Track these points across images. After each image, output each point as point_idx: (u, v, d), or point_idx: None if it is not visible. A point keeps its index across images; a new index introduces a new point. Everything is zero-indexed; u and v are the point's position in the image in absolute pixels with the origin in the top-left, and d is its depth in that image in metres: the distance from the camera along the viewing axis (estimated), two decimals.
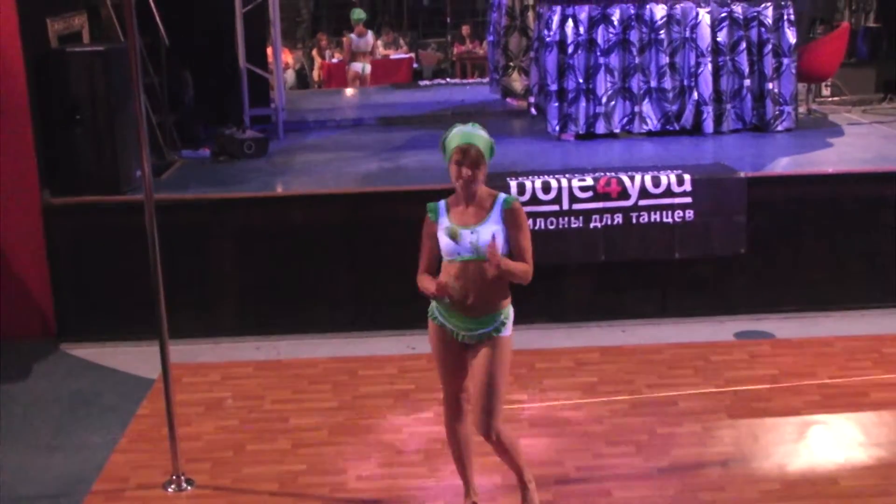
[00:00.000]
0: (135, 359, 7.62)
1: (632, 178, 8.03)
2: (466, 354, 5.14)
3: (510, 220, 4.97)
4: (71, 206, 8.00)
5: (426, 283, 5.01)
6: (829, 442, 6.26)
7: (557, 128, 9.92)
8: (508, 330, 5.10)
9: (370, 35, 18.15)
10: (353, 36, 17.88)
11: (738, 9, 9.92)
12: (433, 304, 5.14)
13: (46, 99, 7.97)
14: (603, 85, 9.77)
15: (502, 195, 5.04)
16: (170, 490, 5.82)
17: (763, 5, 9.91)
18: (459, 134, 4.95)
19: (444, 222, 5.00)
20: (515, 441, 5.30)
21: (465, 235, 4.93)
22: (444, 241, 4.99)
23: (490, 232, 4.90)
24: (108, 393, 7.23)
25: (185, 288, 7.74)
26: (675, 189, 8.02)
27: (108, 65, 8.00)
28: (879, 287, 8.36)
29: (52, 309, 8.05)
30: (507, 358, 5.11)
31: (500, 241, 4.92)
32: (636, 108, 9.94)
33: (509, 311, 5.10)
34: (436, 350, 5.21)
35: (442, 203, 5.08)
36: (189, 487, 5.85)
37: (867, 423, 6.44)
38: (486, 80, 13.99)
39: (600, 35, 9.71)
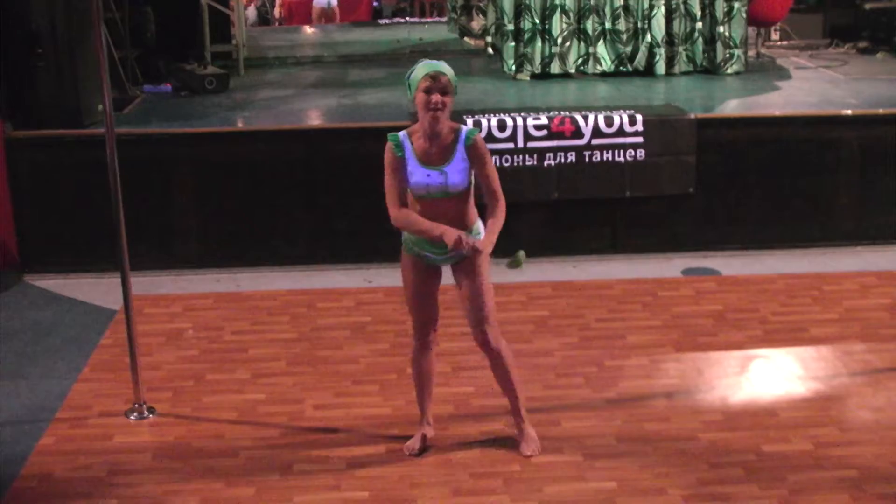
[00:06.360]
0: (97, 290, 7.67)
1: (585, 118, 8.12)
2: (437, 283, 5.24)
3: (474, 155, 4.98)
4: (33, 140, 7.99)
5: (426, 226, 4.95)
6: (770, 375, 6.41)
7: (513, 67, 10.01)
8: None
9: None
10: None
11: None
12: (405, 234, 5.17)
13: (7, 32, 7.90)
14: (558, 26, 9.82)
15: (463, 129, 5.01)
16: (131, 418, 5.89)
17: None
18: (427, 64, 4.92)
19: (411, 158, 4.97)
20: (513, 359, 5.34)
21: (434, 177, 4.96)
22: (414, 179, 4.98)
23: (458, 172, 4.95)
24: (71, 323, 7.28)
25: (146, 221, 7.82)
26: (627, 129, 8.12)
27: None
28: (821, 227, 8.51)
29: (15, 240, 8.04)
30: (486, 266, 5.15)
31: (465, 178, 4.98)
32: (590, 50, 10.01)
33: (479, 226, 5.12)
34: (408, 280, 5.26)
35: (403, 135, 5.03)
36: (150, 415, 5.92)
37: (806, 357, 6.58)
38: (445, 19, 13.99)
39: None
